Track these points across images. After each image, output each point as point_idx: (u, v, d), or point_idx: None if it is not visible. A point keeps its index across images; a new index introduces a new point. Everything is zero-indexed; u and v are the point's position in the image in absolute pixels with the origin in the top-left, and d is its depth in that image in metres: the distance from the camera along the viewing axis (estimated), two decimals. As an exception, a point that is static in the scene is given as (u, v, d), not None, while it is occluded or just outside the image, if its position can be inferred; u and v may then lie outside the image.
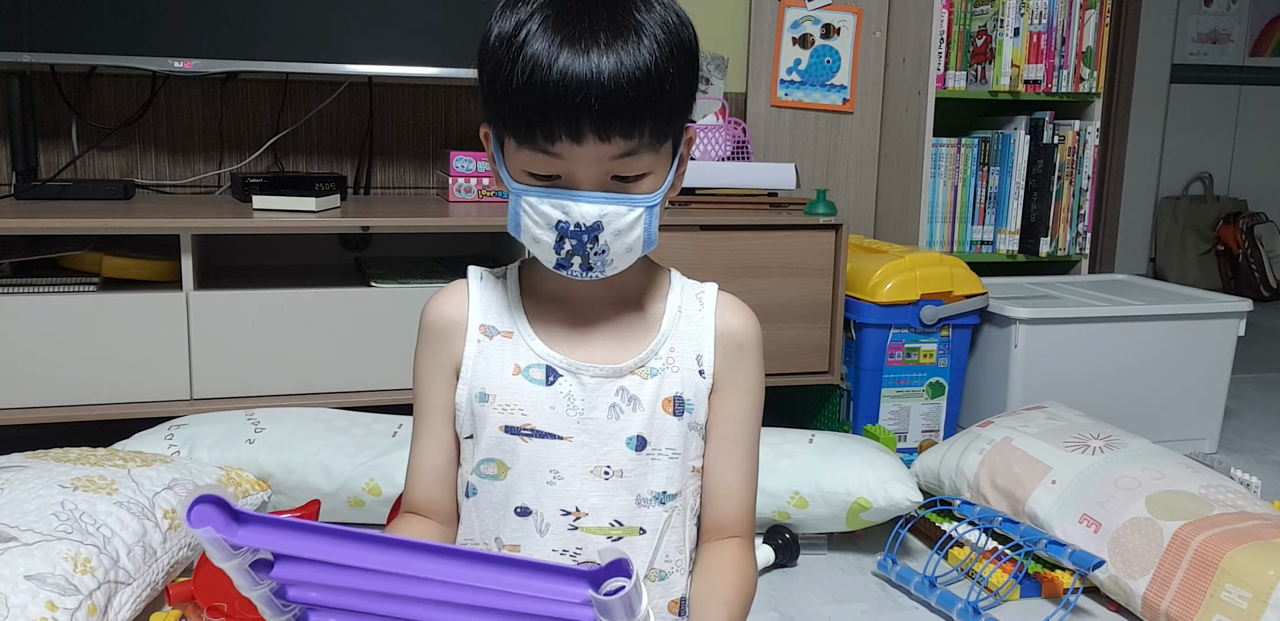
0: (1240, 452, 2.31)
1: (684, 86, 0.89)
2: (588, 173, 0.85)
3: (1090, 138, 2.59)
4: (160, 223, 1.77)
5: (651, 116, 0.84)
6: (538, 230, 0.87)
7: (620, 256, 0.89)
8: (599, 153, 0.83)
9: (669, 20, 0.89)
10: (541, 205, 0.86)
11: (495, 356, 0.95)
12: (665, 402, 0.96)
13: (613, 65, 0.82)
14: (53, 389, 1.75)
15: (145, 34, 1.98)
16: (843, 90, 2.62)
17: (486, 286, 0.98)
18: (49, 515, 1.32)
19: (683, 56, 0.89)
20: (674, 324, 0.97)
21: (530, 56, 0.82)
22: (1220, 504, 1.54)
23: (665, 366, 0.96)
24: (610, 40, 0.82)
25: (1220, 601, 1.38)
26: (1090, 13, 2.56)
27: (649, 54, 0.84)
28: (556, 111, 0.81)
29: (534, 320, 0.96)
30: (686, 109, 0.91)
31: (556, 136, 0.82)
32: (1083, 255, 2.64)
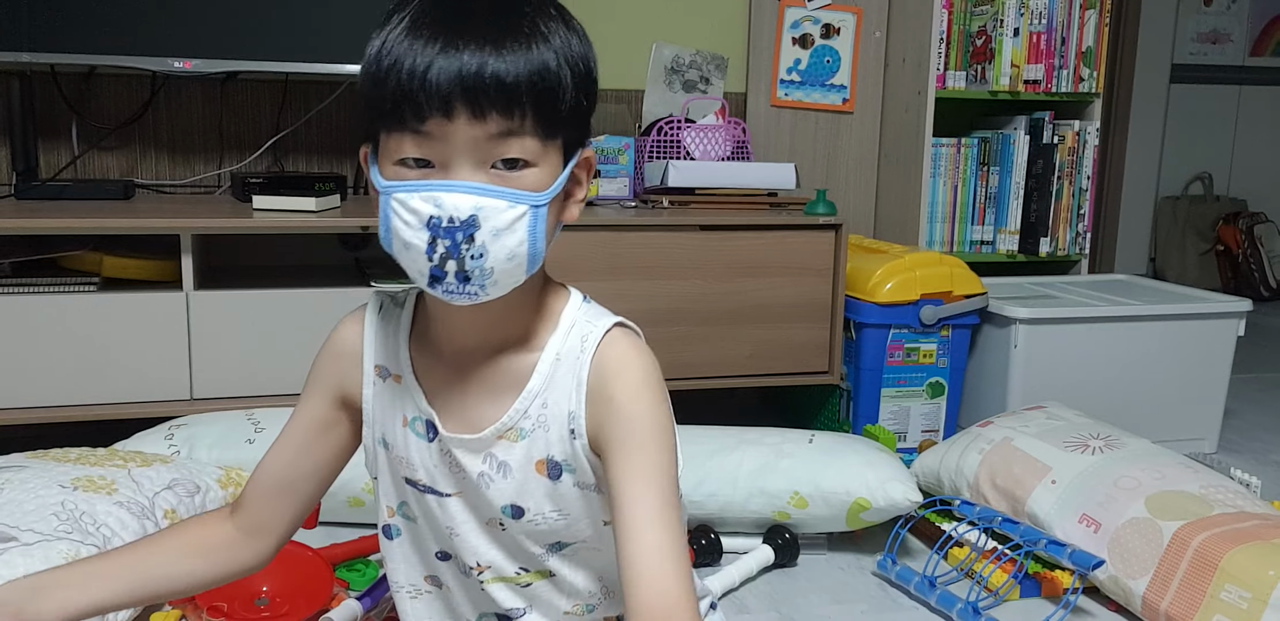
0: (1240, 452, 2.31)
1: (577, 97, 0.81)
2: (464, 157, 0.78)
3: (1090, 138, 2.59)
4: (160, 222, 1.77)
5: (535, 100, 0.77)
6: (408, 233, 0.78)
7: (501, 266, 0.79)
8: (474, 132, 0.77)
9: (571, 40, 0.82)
10: (411, 200, 0.78)
11: (388, 402, 0.92)
12: (538, 466, 0.88)
13: (496, 42, 0.76)
14: (53, 389, 1.75)
15: (145, 34, 1.98)
16: (843, 90, 2.62)
17: (384, 319, 0.93)
18: (49, 515, 1.32)
19: (579, 73, 0.82)
20: (549, 376, 0.87)
21: (405, 35, 0.77)
22: (1220, 504, 1.54)
23: (536, 426, 0.87)
24: (499, 32, 0.77)
25: (1220, 601, 1.38)
26: (1090, 13, 2.56)
27: (541, 52, 0.78)
28: (424, 84, 0.75)
29: (418, 365, 0.91)
30: (580, 122, 0.84)
31: (427, 111, 0.76)
32: (1082, 255, 2.65)
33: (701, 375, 2.05)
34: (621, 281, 1.96)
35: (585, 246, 1.93)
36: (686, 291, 2.01)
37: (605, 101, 2.49)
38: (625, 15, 2.49)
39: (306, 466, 0.95)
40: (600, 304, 0.93)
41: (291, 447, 0.95)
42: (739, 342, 2.06)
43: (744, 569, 1.59)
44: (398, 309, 0.94)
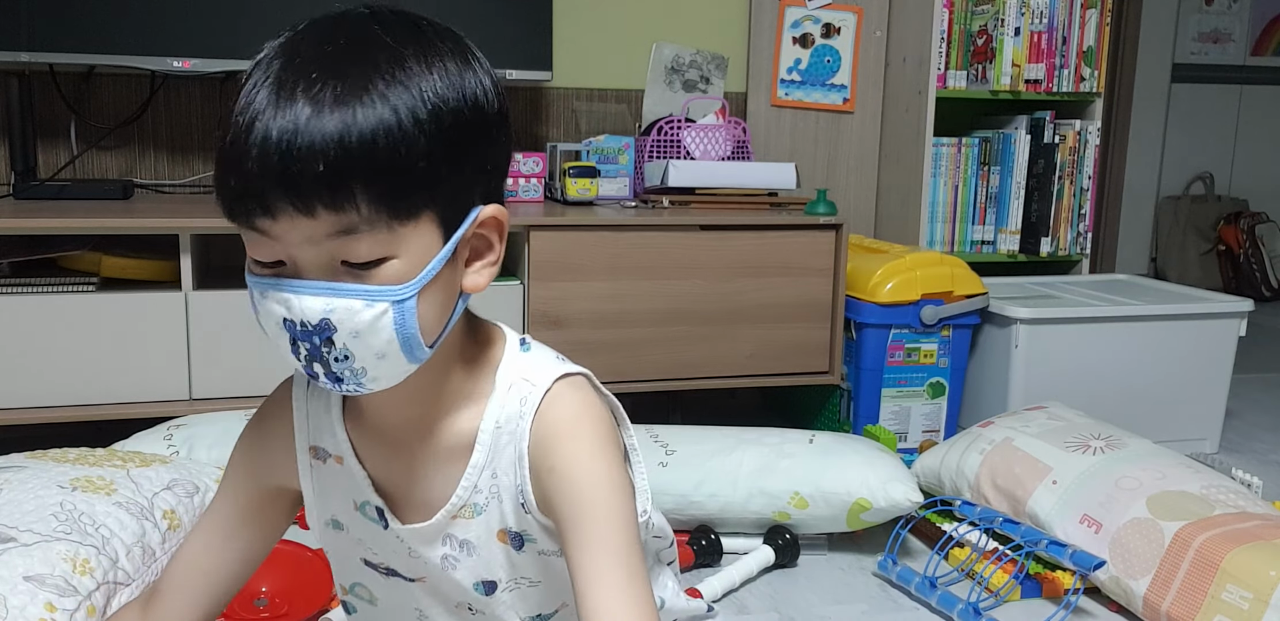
0: (1241, 453, 2.30)
1: (448, 155, 0.69)
2: (306, 256, 0.68)
3: (1091, 137, 2.59)
4: (159, 222, 1.77)
5: (367, 184, 0.65)
6: (270, 330, 0.71)
7: (373, 364, 0.70)
8: (308, 230, 0.66)
9: (452, 81, 0.70)
10: (265, 300, 0.69)
11: (333, 484, 0.85)
12: (500, 535, 0.82)
13: (321, 123, 0.65)
14: (52, 389, 1.74)
15: (144, 33, 1.98)
16: (843, 90, 2.62)
17: (313, 396, 0.85)
18: (48, 515, 1.32)
19: (444, 123, 0.69)
20: (491, 446, 0.79)
21: (236, 116, 0.67)
22: (1221, 504, 1.53)
23: (489, 498, 0.80)
24: (336, 96, 0.66)
25: (1221, 602, 1.38)
26: (1091, 12, 2.55)
27: (387, 114, 0.66)
28: (244, 178, 0.65)
29: (358, 445, 0.83)
30: (461, 182, 0.71)
31: (251, 210, 0.66)
32: (1083, 255, 2.64)
33: (701, 375, 2.05)
34: (621, 281, 1.95)
35: (585, 246, 1.92)
36: (686, 291, 2.00)
37: (605, 101, 2.49)
38: (625, 15, 2.48)
39: (230, 555, 0.88)
40: (600, 304, 0.89)
41: (217, 535, 0.88)
42: (739, 342, 2.05)
43: (744, 569, 1.59)
44: None
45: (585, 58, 2.46)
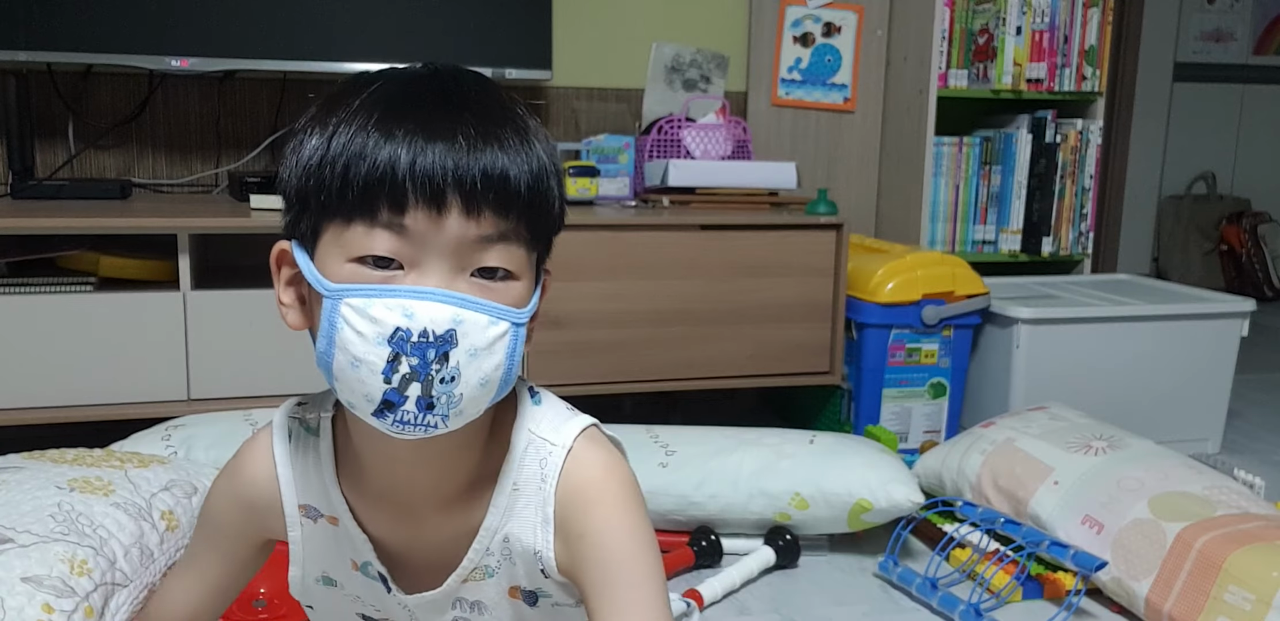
0: (1244, 453, 2.30)
1: (562, 206, 0.73)
2: (442, 260, 0.66)
3: (1093, 137, 2.58)
4: (157, 222, 1.76)
5: (530, 201, 0.68)
6: (361, 347, 0.65)
7: (471, 392, 0.67)
8: (463, 232, 0.65)
9: (551, 144, 0.72)
10: (372, 307, 0.65)
11: (327, 545, 0.81)
12: (513, 592, 0.79)
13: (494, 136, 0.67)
14: (49, 389, 1.74)
15: (142, 32, 1.98)
16: (844, 89, 2.61)
17: (297, 452, 0.80)
18: (45, 516, 1.31)
19: (561, 181, 0.72)
20: (507, 511, 0.76)
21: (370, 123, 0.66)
22: (1223, 505, 1.53)
23: (502, 561, 0.77)
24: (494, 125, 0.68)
25: (1223, 603, 1.37)
26: (1093, 11, 2.55)
27: (537, 150, 0.69)
28: (414, 169, 0.64)
29: (356, 505, 0.79)
30: (554, 235, 0.74)
31: (412, 201, 0.64)
32: (1085, 255, 2.64)
33: (701, 375, 2.04)
34: (621, 281, 1.95)
35: (585, 246, 1.92)
36: (686, 291, 2.00)
37: (605, 100, 2.48)
38: (625, 14, 2.48)
39: (219, 603, 0.88)
40: (600, 304, 0.87)
41: (207, 587, 0.87)
42: (739, 342, 2.05)
43: (745, 570, 1.58)
44: (313, 437, 0.80)
45: (585, 57, 2.45)
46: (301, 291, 0.73)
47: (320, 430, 0.80)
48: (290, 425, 0.81)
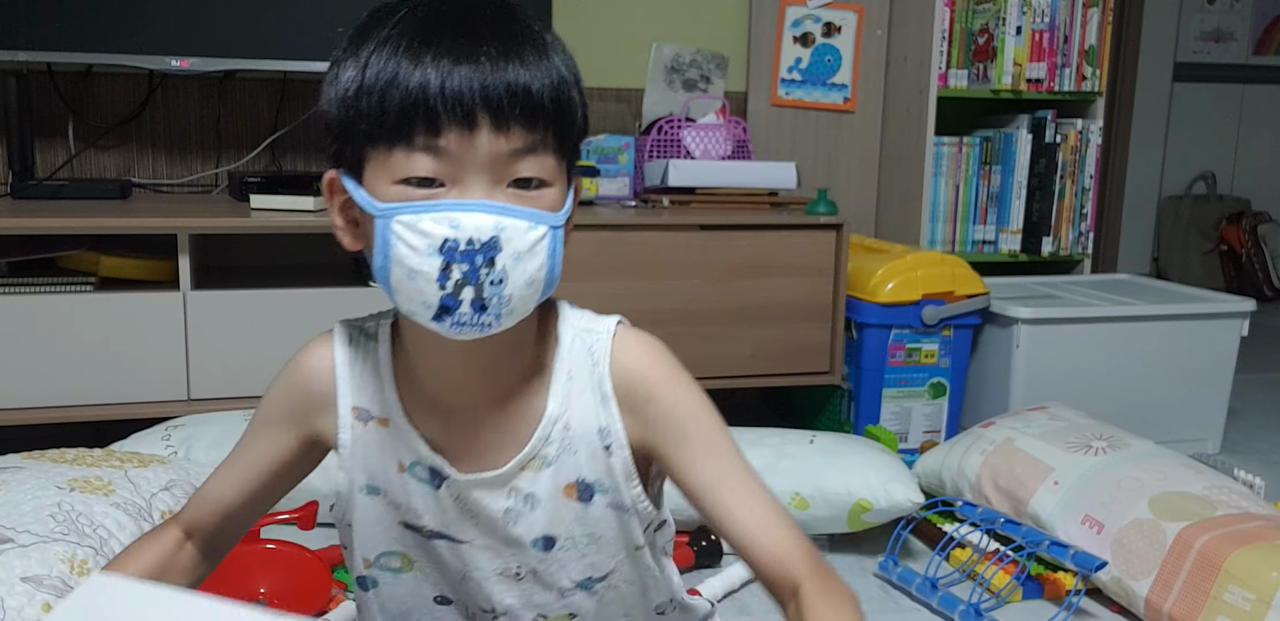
0: (1243, 453, 2.30)
1: (584, 115, 0.78)
2: (480, 174, 0.72)
3: (1093, 137, 2.58)
4: (157, 222, 1.76)
5: (555, 113, 0.73)
6: (415, 259, 0.71)
7: (519, 292, 0.73)
8: (495, 147, 0.71)
9: (570, 57, 0.78)
10: (421, 222, 0.71)
11: (376, 448, 0.84)
12: (568, 490, 0.83)
13: (516, 53, 0.72)
14: (49, 389, 1.74)
15: (142, 32, 1.98)
16: (844, 89, 2.61)
17: (356, 356, 0.85)
18: (45, 516, 1.31)
19: (581, 91, 0.78)
20: (565, 398, 0.82)
21: (401, 49, 0.71)
22: (1223, 505, 1.53)
23: (561, 450, 0.82)
24: (515, 43, 0.72)
25: (1223, 603, 1.37)
26: (1093, 11, 2.55)
27: (557, 65, 0.75)
28: (444, 93, 0.69)
29: (410, 406, 0.83)
30: (579, 142, 0.80)
31: (446, 123, 0.70)
32: (1085, 255, 2.64)
33: (701, 375, 2.02)
34: (621, 281, 1.95)
35: (585, 246, 1.92)
36: (686, 291, 2.00)
37: (605, 100, 2.48)
38: (625, 14, 2.48)
39: (265, 500, 0.90)
40: (600, 304, 0.89)
41: (252, 482, 0.89)
42: (739, 342, 2.05)
43: (745, 570, 1.58)
44: (371, 343, 0.85)
45: (585, 57, 2.43)
46: (353, 214, 0.78)
47: (379, 336, 0.85)
48: (349, 331, 0.86)
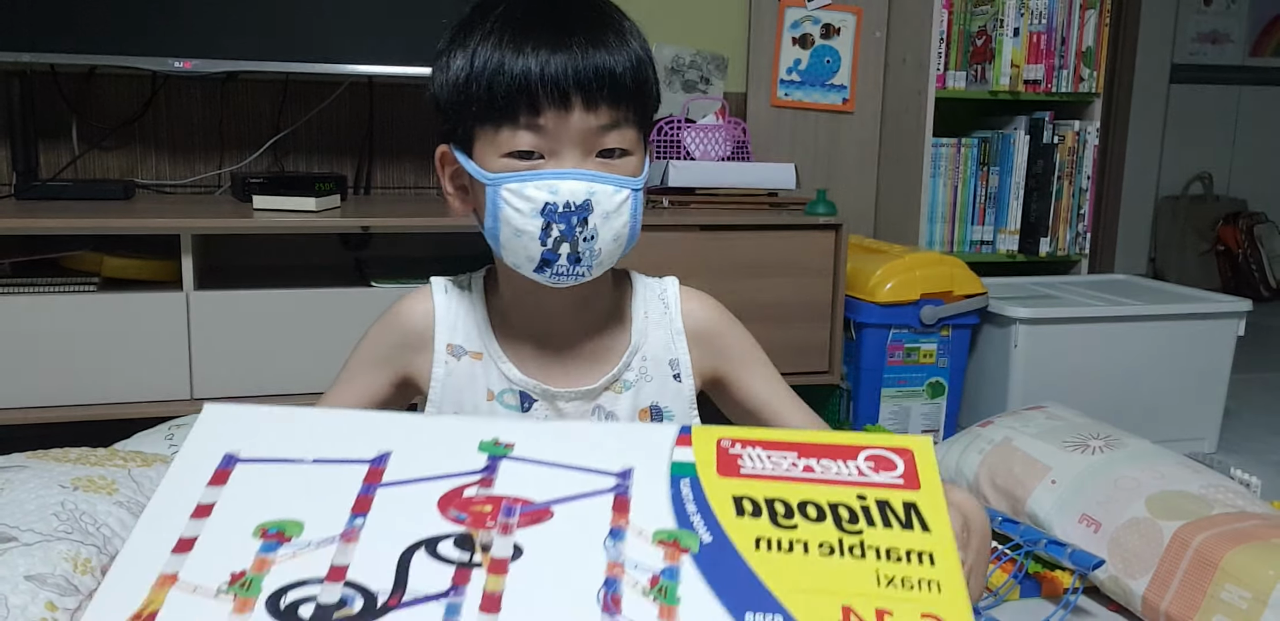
0: (1240, 453, 2.30)
1: (656, 94, 0.90)
2: (573, 147, 0.84)
3: (1090, 138, 2.59)
4: (160, 222, 1.77)
5: (636, 92, 0.85)
6: (521, 220, 0.84)
7: (607, 246, 0.86)
8: (585, 123, 0.83)
9: (645, 42, 0.90)
10: (526, 189, 0.83)
11: (466, 380, 0.94)
12: (642, 413, 0.96)
13: (600, 41, 0.84)
14: (53, 389, 1.74)
15: (145, 34, 1.98)
16: (843, 90, 2.62)
17: (452, 300, 0.96)
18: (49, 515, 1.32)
19: (655, 70, 0.90)
20: (643, 332, 0.97)
21: (504, 41, 0.83)
22: (1220, 504, 1.54)
23: (639, 377, 0.95)
24: (599, 32, 0.85)
25: (1220, 601, 1.38)
26: (1090, 13, 2.56)
27: (635, 49, 0.87)
28: (543, 79, 0.81)
29: (503, 340, 0.94)
30: (653, 114, 0.92)
31: (545, 104, 0.82)
32: (1083, 255, 2.64)
33: (701, 375, 2.05)
34: (621, 281, 1.96)
35: (585, 246, 1.92)
36: (686, 291, 2.00)
37: (605, 101, 2.48)
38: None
39: None
40: None
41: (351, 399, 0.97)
42: (739, 342, 2.05)
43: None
44: (465, 292, 0.97)
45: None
46: (462, 182, 0.91)
47: (472, 287, 0.97)
48: (444, 283, 0.98)
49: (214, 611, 0.60)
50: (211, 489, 0.67)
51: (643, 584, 0.60)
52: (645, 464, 0.67)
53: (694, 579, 0.60)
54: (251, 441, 0.70)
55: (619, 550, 0.62)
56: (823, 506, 0.64)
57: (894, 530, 0.63)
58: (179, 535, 0.64)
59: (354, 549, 0.62)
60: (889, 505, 0.64)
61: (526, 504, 0.64)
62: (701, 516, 0.63)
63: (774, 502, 0.64)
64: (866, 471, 0.66)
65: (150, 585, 0.61)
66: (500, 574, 0.60)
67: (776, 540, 0.62)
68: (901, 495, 0.65)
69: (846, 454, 0.67)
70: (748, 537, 0.62)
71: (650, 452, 0.67)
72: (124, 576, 0.63)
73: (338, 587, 0.60)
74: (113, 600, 0.61)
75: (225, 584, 0.61)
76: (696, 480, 0.65)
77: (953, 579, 0.61)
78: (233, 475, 0.67)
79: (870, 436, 0.69)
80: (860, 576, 0.60)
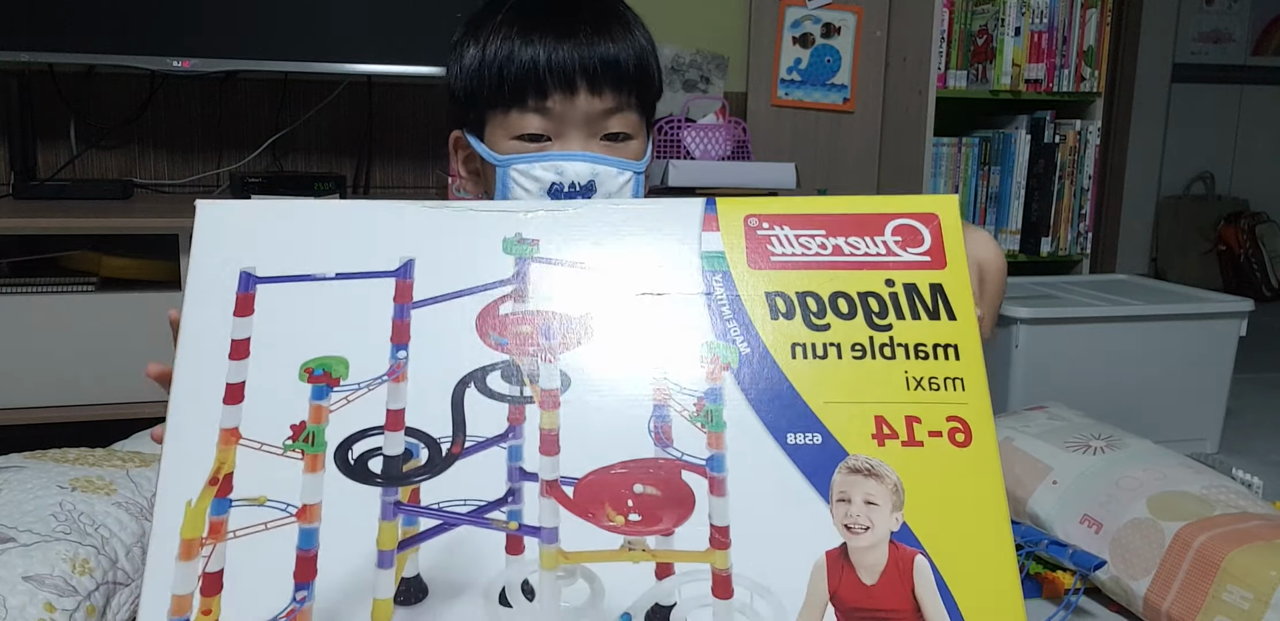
0: (1242, 453, 2.30)
1: (661, 80, 0.95)
2: (578, 130, 0.88)
3: (1091, 137, 2.59)
4: (159, 222, 1.77)
5: (638, 79, 0.90)
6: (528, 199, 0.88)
7: None
8: (590, 107, 0.88)
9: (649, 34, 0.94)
10: (533, 169, 0.88)
11: None
12: None
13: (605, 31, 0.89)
14: (51, 389, 1.74)
15: (143, 33, 1.98)
16: (843, 89, 2.62)
17: None
18: (47, 516, 1.32)
19: (658, 60, 0.95)
20: None
21: (514, 33, 0.88)
22: (1222, 504, 1.53)
23: None
24: (604, 23, 0.90)
25: (1222, 602, 1.38)
26: (1091, 12, 2.55)
27: (639, 39, 0.91)
28: (550, 65, 0.86)
29: None
30: (656, 102, 0.96)
31: (551, 89, 0.87)
32: (1084, 255, 2.64)
33: (702, 375, 2.04)
34: (621, 281, 1.95)
35: (585, 246, 1.92)
36: (687, 291, 2.00)
37: (605, 101, 2.48)
38: (625, 14, 2.48)
39: None
40: None
41: None
42: (739, 342, 2.05)
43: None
44: None
45: (585, 57, 2.45)
46: (474, 166, 0.95)
47: None
48: None
49: (286, 470, 0.60)
50: (240, 321, 0.65)
51: (689, 409, 0.62)
52: (675, 259, 0.66)
53: (737, 400, 0.62)
54: (262, 251, 0.67)
55: (662, 371, 0.63)
56: (853, 298, 0.65)
57: (921, 322, 0.65)
58: (224, 380, 0.64)
59: (404, 389, 0.62)
60: (916, 291, 0.66)
61: (564, 320, 0.64)
62: (738, 322, 0.64)
63: (806, 298, 0.65)
64: (894, 248, 0.66)
65: (214, 443, 0.61)
66: (553, 409, 0.62)
67: (811, 345, 0.64)
68: (928, 276, 0.66)
69: (873, 228, 0.67)
70: (784, 345, 0.64)
71: (679, 240, 0.66)
72: (184, 433, 0.63)
73: (399, 437, 0.61)
74: (184, 461, 0.61)
75: (289, 439, 0.61)
76: (729, 277, 0.65)
77: (975, 372, 0.68)
78: (257, 300, 0.65)
79: (895, 200, 0.69)
80: (890, 380, 0.64)
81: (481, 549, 0.60)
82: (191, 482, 0.61)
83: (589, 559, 0.60)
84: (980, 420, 0.67)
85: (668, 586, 0.60)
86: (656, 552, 0.60)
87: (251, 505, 0.61)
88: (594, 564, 0.60)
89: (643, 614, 0.59)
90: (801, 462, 0.61)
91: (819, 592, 0.59)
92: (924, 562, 0.60)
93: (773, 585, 0.59)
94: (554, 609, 0.59)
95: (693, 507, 0.61)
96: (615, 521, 0.60)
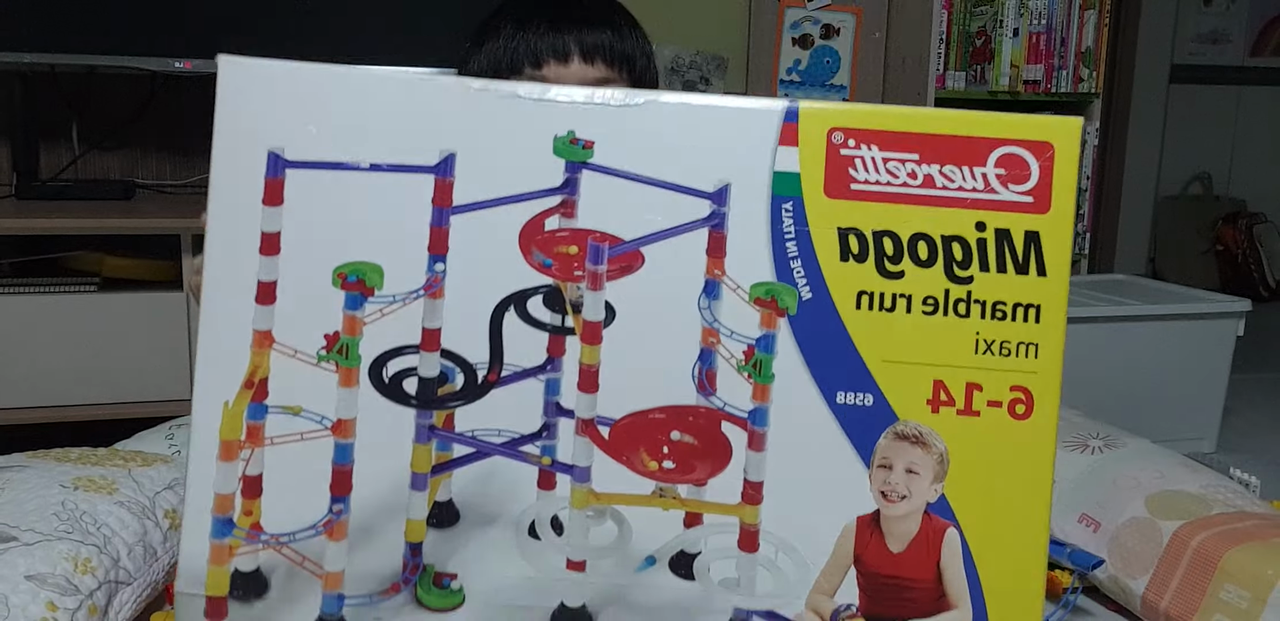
0: (1239, 452, 2.31)
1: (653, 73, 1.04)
2: None
3: (1090, 138, 2.59)
4: (160, 223, 1.77)
5: (624, 54, 1.00)
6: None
7: None
8: (583, 74, 0.97)
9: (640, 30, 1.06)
10: None
11: None
12: None
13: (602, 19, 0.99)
14: (53, 389, 1.75)
15: (145, 34, 1.98)
16: (842, 91, 2.62)
17: None
18: (49, 515, 1.32)
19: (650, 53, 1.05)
20: None
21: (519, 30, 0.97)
22: (1219, 503, 1.54)
23: None
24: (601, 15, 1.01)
25: (1220, 601, 1.38)
26: (1090, 13, 2.56)
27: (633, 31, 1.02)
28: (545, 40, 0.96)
29: None
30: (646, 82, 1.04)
31: (544, 59, 0.96)
32: (1082, 255, 2.65)
33: (701, 375, 2.05)
34: (621, 281, 1.96)
35: (585, 246, 1.93)
36: (686, 291, 2.01)
37: (605, 102, 2.49)
38: (625, 15, 2.49)
39: None
40: None
41: None
42: (739, 343, 2.06)
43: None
44: None
45: (585, 58, 2.46)
46: None
47: None
48: None
49: (320, 381, 0.59)
50: (269, 211, 0.60)
51: (737, 357, 0.58)
52: (743, 176, 0.58)
53: (789, 350, 0.58)
54: (290, 125, 0.62)
55: (714, 313, 0.58)
56: (935, 242, 0.58)
57: (1007, 275, 0.60)
58: (255, 278, 0.59)
59: (441, 306, 0.59)
60: (1009, 238, 0.59)
61: (614, 242, 0.59)
62: (803, 261, 0.58)
63: (883, 239, 0.58)
64: (994, 183, 0.58)
65: (249, 345, 0.59)
66: (594, 344, 0.59)
67: (879, 295, 0.59)
68: (1026, 222, 0.59)
69: (975, 155, 0.58)
70: (849, 292, 0.58)
71: (750, 153, 0.58)
72: (217, 329, 0.60)
73: (435, 358, 0.59)
74: (218, 361, 0.60)
75: (323, 349, 0.59)
76: (800, 204, 0.58)
77: (1054, 339, 0.65)
78: (286, 190, 0.60)
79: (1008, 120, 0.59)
80: (958, 342, 0.59)
81: (514, 480, 0.59)
82: (228, 383, 0.59)
83: (619, 501, 0.59)
84: (1046, 392, 0.64)
85: (694, 535, 0.59)
86: (687, 502, 0.59)
87: (287, 414, 0.60)
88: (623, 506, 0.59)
89: (667, 559, 0.59)
90: (848, 424, 0.58)
91: (844, 555, 0.58)
92: (955, 536, 0.59)
93: (799, 544, 0.58)
94: (581, 546, 0.59)
95: (729, 460, 0.59)
96: (649, 467, 0.59)
